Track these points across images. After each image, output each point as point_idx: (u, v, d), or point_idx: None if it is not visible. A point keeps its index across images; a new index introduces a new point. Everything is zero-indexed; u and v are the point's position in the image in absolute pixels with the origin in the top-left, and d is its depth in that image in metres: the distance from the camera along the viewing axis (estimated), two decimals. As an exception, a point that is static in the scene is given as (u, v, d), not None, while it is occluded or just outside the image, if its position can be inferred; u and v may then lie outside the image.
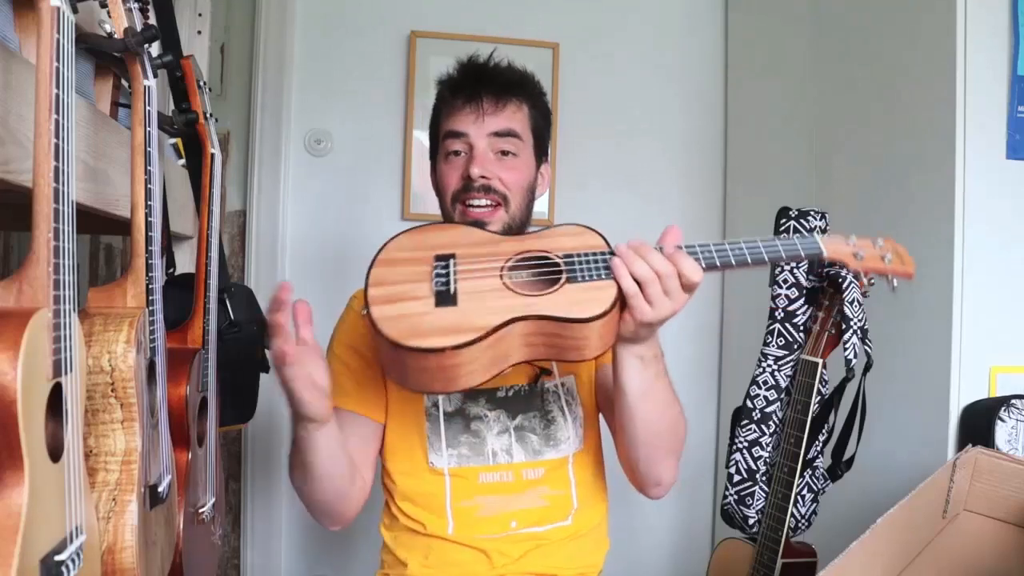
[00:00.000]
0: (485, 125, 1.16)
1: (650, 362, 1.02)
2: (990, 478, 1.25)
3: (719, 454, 2.43)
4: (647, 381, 1.03)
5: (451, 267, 0.97)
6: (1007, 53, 1.48)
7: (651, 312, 0.93)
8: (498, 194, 1.15)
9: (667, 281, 0.92)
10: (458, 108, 1.17)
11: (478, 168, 1.13)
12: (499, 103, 1.17)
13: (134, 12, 0.81)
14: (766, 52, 2.31)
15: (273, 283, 2.22)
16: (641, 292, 0.92)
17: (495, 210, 1.15)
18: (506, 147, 1.17)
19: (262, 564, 2.24)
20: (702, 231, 2.46)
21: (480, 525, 1.17)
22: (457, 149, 1.17)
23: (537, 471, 1.19)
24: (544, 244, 1.00)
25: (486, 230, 1.11)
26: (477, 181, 1.13)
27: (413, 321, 0.92)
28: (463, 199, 1.15)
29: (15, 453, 0.52)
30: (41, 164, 0.57)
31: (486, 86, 1.17)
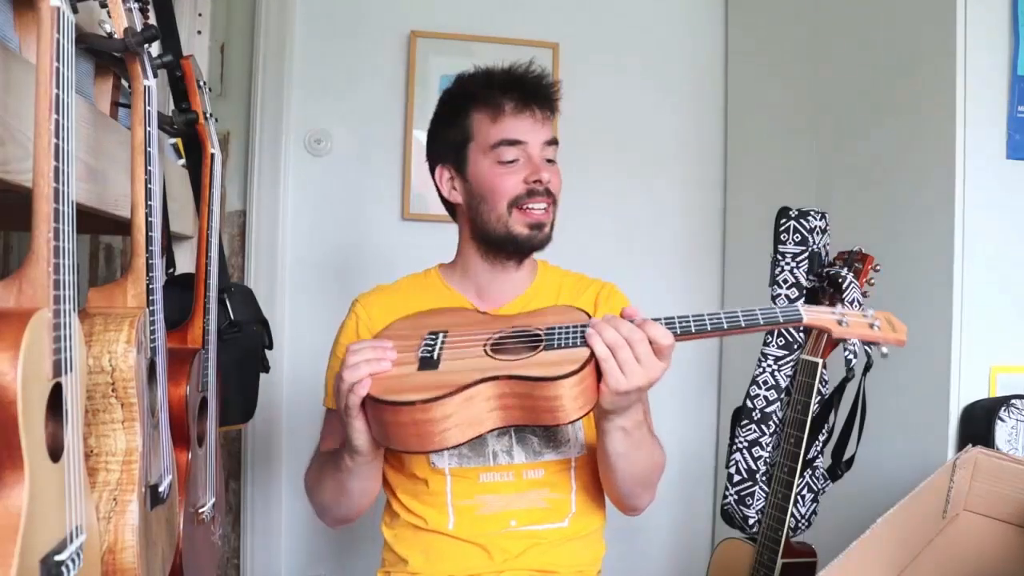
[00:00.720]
0: (541, 133, 1.21)
1: (632, 431, 1.05)
2: (990, 478, 1.25)
3: (719, 454, 2.43)
4: (630, 447, 1.07)
5: (439, 339, 1.05)
6: (1007, 53, 1.48)
7: (624, 380, 0.94)
8: (552, 196, 1.22)
9: (637, 346, 0.94)
10: (513, 114, 1.20)
11: (546, 173, 1.20)
12: (548, 111, 1.23)
13: (134, 12, 0.81)
14: (766, 52, 2.31)
15: (273, 283, 2.23)
16: (613, 357, 0.94)
17: (548, 211, 1.22)
18: (551, 155, 1.24)
19: (262, 564, 2.24)
20: (702, 231, 2.46)
21: (480, 522, 1.18)
22: (514, 157, 1.19)
23: (538, 472, 1.19)
24: (530, 321, 1.06)
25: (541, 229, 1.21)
26: (544, 185, 1.19)
27: (392, 382, 0.96)
28: (524, 204, 1.19)
29: (15, 453, 0.52)
30: (41, 164, 0.57)
31: (536, 93, 1.21)
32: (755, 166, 2.33)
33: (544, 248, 1.24)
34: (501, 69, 1.23)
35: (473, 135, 1.21)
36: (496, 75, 1.23)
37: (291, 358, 2.22)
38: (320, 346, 1.32)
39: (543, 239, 1.22)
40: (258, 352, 1.45)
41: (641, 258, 2.40)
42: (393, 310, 1.22)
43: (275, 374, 2.12)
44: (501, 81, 1.22)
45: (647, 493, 1.20)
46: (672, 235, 2.45)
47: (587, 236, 2.33)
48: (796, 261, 1.47)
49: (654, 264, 2.42)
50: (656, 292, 2.28)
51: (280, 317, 2.21)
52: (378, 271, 2.34)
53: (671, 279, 2.43)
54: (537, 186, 1.19)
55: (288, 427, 2.23)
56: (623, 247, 2.39)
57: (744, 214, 2.36)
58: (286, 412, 2.23)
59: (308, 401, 2.20)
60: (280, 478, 2.24)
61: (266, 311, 1.48)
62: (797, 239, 1.47)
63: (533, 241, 1.21)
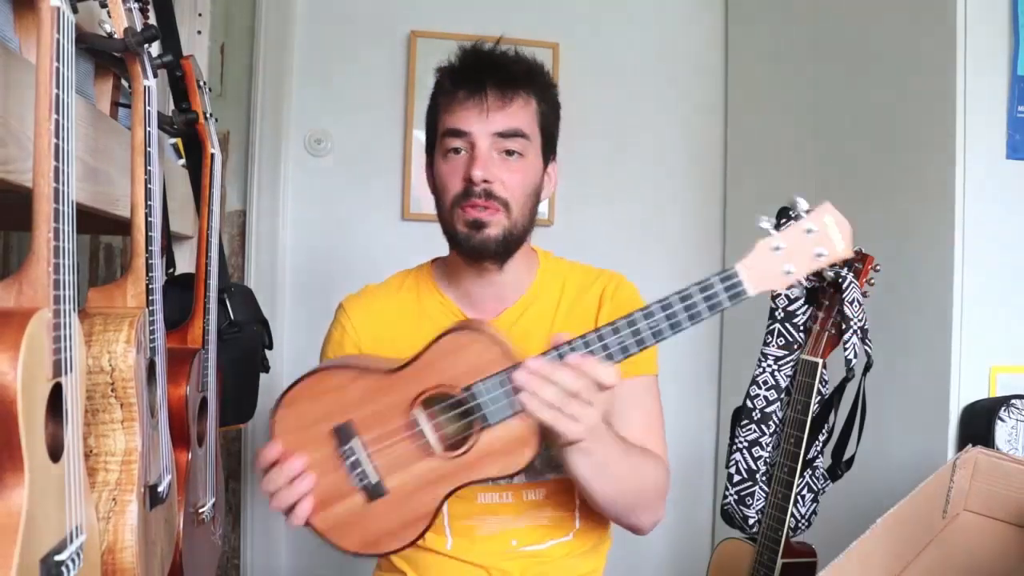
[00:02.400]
0: (489, 123, 1.06)
1: (594, 450, 0.94)
2: (990, 478, 1.25)
3: (719, 454, 2.43)
4: (597, 465, 0.97)
5: (357, 449, 0.92)
6: (1007, 53, 1.48)
7: (579, 427, 0.87)
8: (499, 200, 1.06)
9: (585, 395, 0.86)
10: (459, 102, 1.07)
11: (480, 171, 1.04)
12: (505, 97, 1.06)
13: (134, 12, 0.81)
14: (766, 52, 2.31)
15: (273, 283, 2.23)
16: (561, 415, 0.86)
17: (495, 212, 1.06)
18: (511, 147, 1.07)
19: (262, 564, 2.24)
20: (702, 231, 2.46)
21: (480, 543, 1.13)
22: (457, 147, 1.07)
23: (538, 492, 1.14)
24: (437, 377, 0.91)
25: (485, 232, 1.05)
26: (479, 185, 1.04)
27: (360, 528, 0.94)
28: (463, 204, 1.06)
29: (15, 453, 0.52)
30: (41, 164, 0.57)
31: (490, 77, 1.06)
32: (755, 166, 2.33)
33: (491, 255, 1.08)
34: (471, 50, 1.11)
35: (436, 124, 1.12)
36: (459, 58, 1.11)
37: (291, 358, 2.22)
38: (320, 346, 1.31)
39: (484, 240, 1.06)
40: (258, 352, 1.45)
41: (640, 258, 2.40)
42: (380, 320, 1.17)
43: (275, 374, 2.11)
44: (459, 65, 1.10)
45: (642, 516, 1.09)
46: (672, 235, 2.45)
47: (586, 236, 2.33)
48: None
49: (654, 264, 2.41)
50: (656, 292, 2.27)
51: (280, 317, 2.21)
52: (378, 271, 2.33)
53: (671, 279, 2.41)
54: (471, 185, 1.04)
55: (288, 427, 2.22)
56: (622, 247, 2.39)
57: (744, 214, 2.36)
58: (286, 412, 2.23)
59: (308, 401, 2.19)
60: (280, 478, 2.24)
61: (266, 311, 1.48)
62: (797, 239, 1.47)
63: (471, 242, 1.06)
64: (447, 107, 1.09)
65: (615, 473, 0.99)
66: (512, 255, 1.11)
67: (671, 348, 1.11)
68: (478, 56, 1.10)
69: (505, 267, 1.12)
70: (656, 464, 1.07)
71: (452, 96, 1.08)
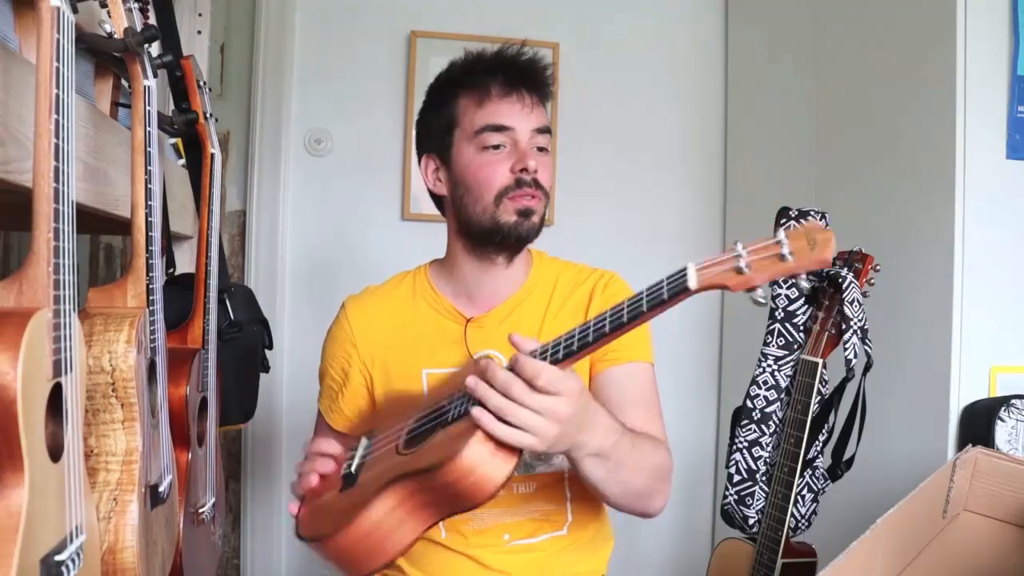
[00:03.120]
0: (532, 118, 1.11)
1: (608, 453, 0.90)
2: (990, 478, 1.25)
3: (719, 454, 2.43)
4: (610, 471, 0.93)
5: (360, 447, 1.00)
6: (1007, 53, 1.48)
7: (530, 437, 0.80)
8: (543, 189, 1.12)
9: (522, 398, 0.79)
10: (499, 97, 1.10)
11: (533, 161, 1.09)
12: (539, 95, 1.13)
13: (134, 12, 0.81)
14: (766, 52, 2.31)
15: (273, 283, 2.23)
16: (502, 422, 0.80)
17: (541, 200, 1.12)
18: (543, 144, 1.13)
19: (262, 564, 2.24)
20: (702, 231, 2.46)
21: (472, 536, 1.15)
22: (499, 143, 1.10)
23: (530, 486, 1.15)
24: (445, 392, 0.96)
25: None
26: (531, 174, 1.09)
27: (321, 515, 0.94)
28: (514, 195, 1.09)
29: (15, 453, 0.52)
30: (41, 164, 0.57)
31: (525, 75, 1.12)
32: (755, 166, 2.33)
33: (532, 239, 1.13)
34: (490, 51, 1.14)
35: (458, 121, 1.13)
36: (484, 57, 1.14)
37: (291, 358, 2.22)
38: (320, 346, 1.31)
39: (530, 228, 1.10)
40: (258, 352, 1.45)
41: (640, 258, 2.40)
42: (378, 319, 1.20)
43: (275, 374, 2.12)
44: (488, 63, 1.13)
45: (653, 501, 1.05)
46: (672, 235, 2.45)
47: (586, 236, 2.32)
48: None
49: (654, 264, 2.41)
50: (656, 292, 2.28)
51: (280, 317, 2.21)
52: (378, 271, 2.33)
53: (671, 279, 2.43)
54: (524, 175, 1.09)
55: (288, 427, 2.23)
56: (622, 247, 2.39)
57: (744, 214, 2.36)
58: (286, 412, 2.23)
59: (308, 401, 2.19)
60: (280, 478, 2.24)
61: (266, 311, 1.48)
62: (797, 239, 1.47)
63: (520, 229, 1.10)
64: (481, 102, 1.11)
65: (628, 471, 0.96)
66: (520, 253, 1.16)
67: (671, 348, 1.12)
68: (507, 56, 1.13)
69: (513, 261, 1.16)
70: (660, 448, 1.05)
71: (486, 92, 1.11)
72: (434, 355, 1.15)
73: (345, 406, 1.21)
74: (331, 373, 1.23)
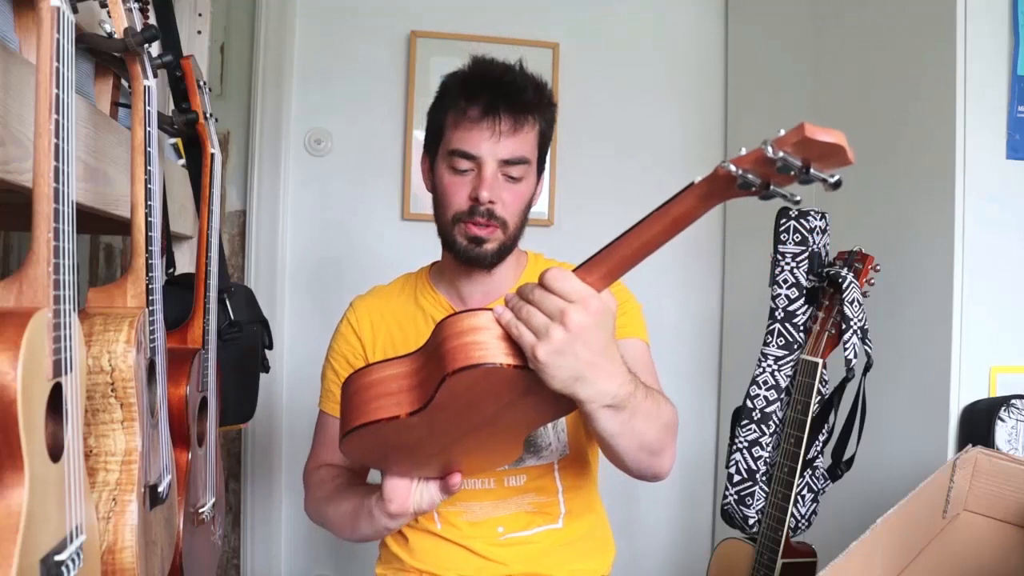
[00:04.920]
0: (499, 148, 1.10)
1: (623, 404, 0.85)
2: (990, 478, 1.25)
3: (719, 454, 2.43)
4: (623, 423, 0.88)
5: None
6: (1007, 53, 1.48)
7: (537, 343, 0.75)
8: (498, 219, 1.12)
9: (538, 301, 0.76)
10: (472, 121, 1.10)
11: (487, 192, 1.10)
12: (516, 124, 1.11)
13: (134, 12, 0.81)
14: (766, 52, 2.31)
15: (273, 283, 2.23)
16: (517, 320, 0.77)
17: (494, 230, 1.12)
18: (514, 173, 1.12)
19: (262, 564, 2.24)
20: (702, 231, 2.46)
21: (466, 529, 1.17)
22: (465, 168, 1.11)
23: (520, 478, 1.17)
24: None
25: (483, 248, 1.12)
26: (484, 205, 1.10)
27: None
28: (466, 221, 1.12)
29: (15, 453, 0.52)
30: (41, 164, 0.57)
31: (504, 102, 1.10)
32: (755, 166, 2.33)
33: (490, 264, 1.15)
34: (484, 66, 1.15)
35: (443, 133, 1.15)
36: (472, 73, 1.14)
37: (291, 358, 2.22)
38: (320, 347, 1.32)
39: (482, 254, 1.12)
40: (258, 352, 1.45)
41: (641, 258, 2.40)
42: (380, 316, 1.25)
43: (275, 374, 2.12)
44: (473, 82, 1.12)
45: (664, 457, 1.01)
46: (672, 235, 2.45)
47: (586, 236, 2.32)
48: (796, 261, 1.47)
49: (654, 264, 2.40)
50: (656, 292, 2.28)
51: (280, 317, 2.21)
52: (378, 271, 2.34)
53: (671, 279, 2.43)
54: (477, 205, 1.10)
55: (288, 427, 2.23)
56: (623, 247, 2.39)
57: (744, 214, 2.36)
58: (286, 412, 2.23)
59: (308, 401, 2.19)
60: (280, 478, 2.24)
61: (266, 311, 1.48)
62: (797, 239, 1.47)
63: (471, 254, 1.12)
64: (457, 123, 1.12)
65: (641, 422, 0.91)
66: (503, 262, 1.18)
67: (671, 348, 1.12)
68: (492, 78, 1.12)
69: (494, 271, 1.19)
70: (668, 401, 1.01)
71: (463, 114, 1.11)
72: None
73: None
74: (334, 367, 1.26)
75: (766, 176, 0.71)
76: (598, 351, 0.78)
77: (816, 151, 0.68)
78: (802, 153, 0.69)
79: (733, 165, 0.70)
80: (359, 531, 1.07)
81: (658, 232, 0.80)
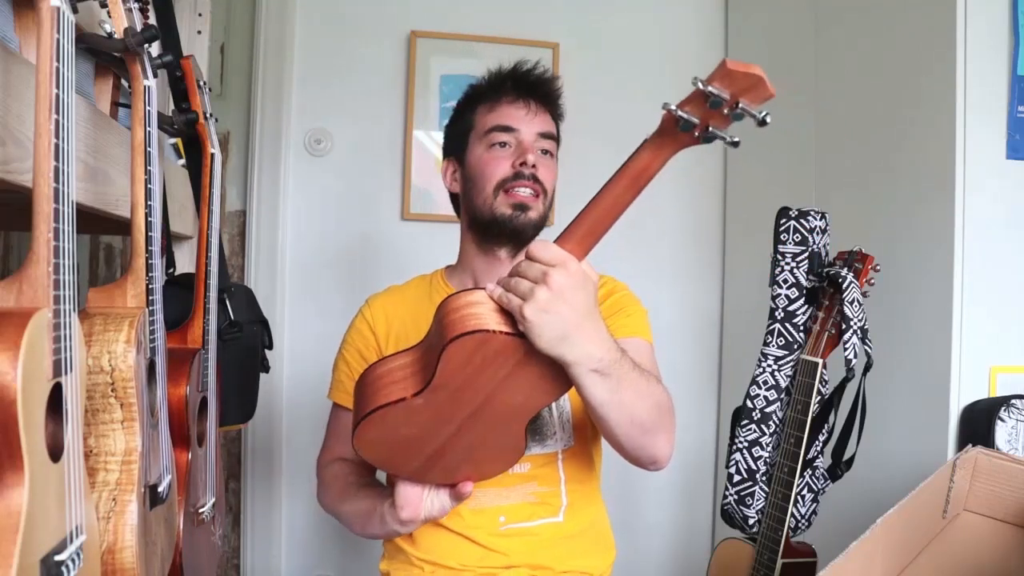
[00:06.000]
0: (535, 123, 1.22)
1: (609, 370, 0.89)
2: (990, 478, 1.25)
3: (719, 454, 2.43)
4: (611, 390, 0.91)
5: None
6: (1007, 53, 1.48)
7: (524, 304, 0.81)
8: (541, 185, 1.22)
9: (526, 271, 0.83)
10: (508, 103, 1.23)
11: (532, 155, 1.20)
12: (545, 106, 1.25)
13: (134, 12, 0.81)
14: (766, 52, 2.31)
15: (273, 283, 2.23)
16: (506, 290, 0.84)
17: (536, 198, 1.21)
18: (547, 147, 1.24)
19: (262, 564, 2.24)
20: (702, 231, 2.46)
21: (470, 517, 1.19)
22: (504, 141, 1.22)
23: (523, 466, 1.20)
24: None
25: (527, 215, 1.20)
26: (529, 169, 1.19)
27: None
28: (510, 186, 1.20)
29: (15, 453, 0.52)
30: (41, 164, 0.57)
31: (533, 87, 1.24)
32: (755, 166, 2.33)
33: (530, 232, 1.22)
34: (506, 68, 1.27)
35: (473, 125, 1.26)
36: (500, 72, 1.27)
37: (291, 358, 2.22)
38: (320, 346, 1.32)
39: (526, 221, 1.20)
40: (258, 352, 1.45)
41: (641, 258, 2.40)
42: (395, 312, 1.30)
43: (275, 374, 2.12)
44: (503, 76, 1.26)
45: (657, 438, 1.02)
46: (672, 235, 2.45)
47: (587, 236, 2.32)
48: (796, 261, 1.47)
49: (654, 264, 2.42)
50: (656, 292, 2.28)
51: (280, 317, 2.21)
52: (378, 271, 2.35)
53: (671, 279, 2.43)
54: (523, 169, 1.20)
55: (288, 427, 2.23)
56: (623, 247, 2.39)
57: (744, 214, 2.36)
58: (286, 412, 2.23)
59: (308, 401, 2.20)
60: (280, 478, 2.24)
61: (266, 311, 1.48)
62: (797, 239, 1.48)
63: (516, 222, 1.20)
64: (492, 108, 1.24)
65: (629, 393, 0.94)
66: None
67: (671, 348, 1.12)
68: (519, 72, 1.26)
69: (517, 257, 1.24)
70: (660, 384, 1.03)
71: (497, 101, 1.24)
72: None
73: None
74: (347, 359, 1.30)
75: (704, 118, 0.81)
76: (582, 312, 0.84)
77: (740, 84, 0.78)
78: (728, 87, 0.79)
79: (673, 105, 0.81)
80: (369, 531, 1.13)
81: (622, 190, 0.88)
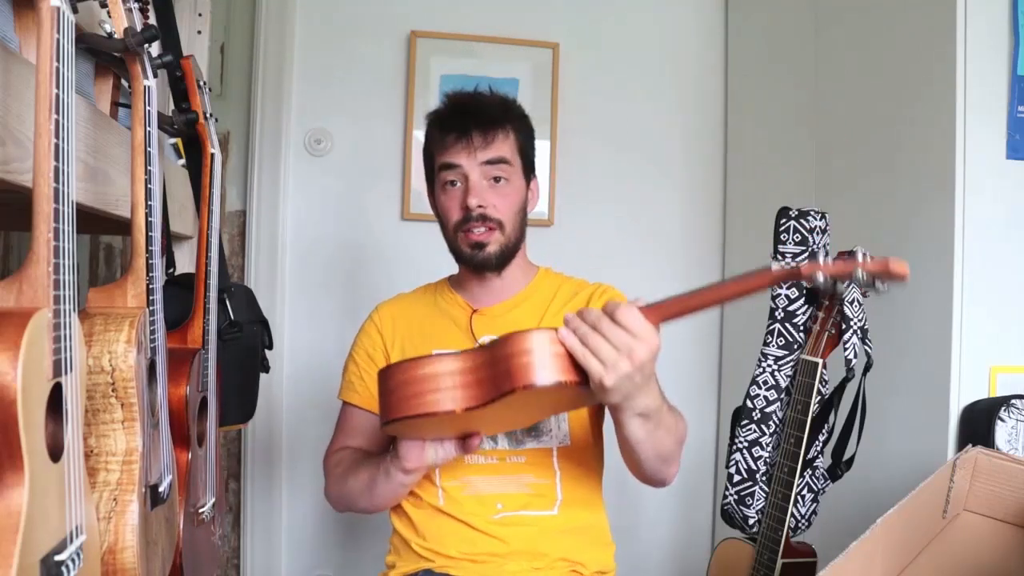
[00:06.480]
0: (479, 154, 1.24)
1: (652, 415, 1.00)
2: (990, 478, 1.25)
3: (719, 454, 2.43)
4: (649, 432, 1.03)
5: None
6: (1007, 53, 1.48)
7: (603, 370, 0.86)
8: (494, 220, 1.24)
9: (606, 331, 0.86)
10: (451, 143, 1.24)
11: (475, 199, 1.22)
12: (487, 135, 1.24)
13: (134, 12, 0.81)
14: (766, 52, 2.31)
15: (273, 283, 2.23)
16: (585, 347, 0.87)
17: (492, 232, 1.24)
18: (498, 174, 1.25)
19: (262, 564, 2.24)
20: (702, 231, 2.46)
21: (468, 503, 1.23)
22: (453, 179, 1.25)
23: (520, 458, 1.24)
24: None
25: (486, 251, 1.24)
26: (475, 211, 1.22)
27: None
28: (464, 228, 1.24)
29: (15, 453, 0.52)
30: (41, 164, 0.57)
31: (473, 120, 1.24)
32: (755, 166, 2.33)
33: (495, 268, 1.26)
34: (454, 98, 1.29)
35: (432, 161, 1.30)
36: (444, 107, 1.30)
37: (291, 358, 2.22)
38: (320, 346, 1.32)
39: (485, 258, 1.25)
40: (258, 352, 1.45)
41: (641, 258, 2.40)
42: (401, 317, 1.36)
43: (275, 374, 2.12)
44: (445, 114, 1.28)
45: (672, 467, 1.16)
46: (672, 235, 2.45)
47: (586, 236, 2.33)
48: (796, 261, 1.47)
49: (654, 264, 2.42)
50: (656, 292, 2.27)
51: (280, 317, 2.21)
52: (378, 271, 2.35)
53: (671, 279, 2.43)
54: (469, 212, 1.23)
55: (288, 427, 2.23)
56: (622, 247, 2.39)
57: (744, 214, 2.36)
58: (286, 412, 2.23)
59: (308, 401, 2.20)
60: (280, 478, 2.24)
61: (266, 311, 1.48)
62: (797, 239, 1.47)
63: (476, 259, 1.25)
64: (440, 148, 1.27)
65: (663, 433, 1.06)
66: (509, 263, 1.29)
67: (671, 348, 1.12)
68: (461, 103, 1.29)
69: (503, 273, 1.29)
70: (682, 416, 1.15)
71: (443, 140, 1.26)
72: (444, 338, 1.29)
73: (363, 386, 1.33)
74: (355, 359, 1.36)
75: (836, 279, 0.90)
76: (648, 376, 0.93)
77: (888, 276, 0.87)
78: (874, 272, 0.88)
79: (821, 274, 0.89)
80: (377, 494, 1.17)
81: (726, 295, 0.94)
